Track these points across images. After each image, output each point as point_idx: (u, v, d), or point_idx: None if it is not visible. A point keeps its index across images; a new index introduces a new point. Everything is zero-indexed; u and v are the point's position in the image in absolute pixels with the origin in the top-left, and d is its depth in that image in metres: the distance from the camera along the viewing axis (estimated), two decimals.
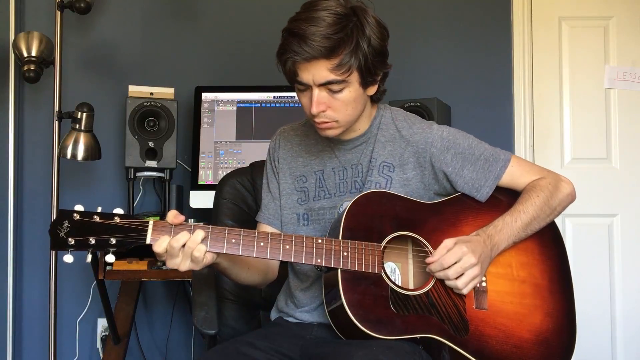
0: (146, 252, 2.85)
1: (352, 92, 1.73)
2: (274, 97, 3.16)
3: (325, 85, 1.70)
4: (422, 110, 3.06)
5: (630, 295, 3.48)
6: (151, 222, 1.60)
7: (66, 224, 1.56)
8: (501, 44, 3.54)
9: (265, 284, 1.96)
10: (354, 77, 1.71)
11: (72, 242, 1.56)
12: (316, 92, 1.71)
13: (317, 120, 1.76)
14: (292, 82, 1.76)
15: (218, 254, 1.67)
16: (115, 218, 1.57)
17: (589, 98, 3.54)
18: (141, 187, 3.31)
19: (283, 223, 1.94)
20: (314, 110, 1.72)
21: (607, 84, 3.54)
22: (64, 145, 2.88)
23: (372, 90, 1.80)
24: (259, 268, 1.89)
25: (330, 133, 1.80)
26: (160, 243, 1.59)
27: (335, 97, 1.72)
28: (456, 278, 1.70)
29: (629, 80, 3.52)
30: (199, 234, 1.61)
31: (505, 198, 1.88)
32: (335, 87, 1.70)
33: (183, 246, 1.60)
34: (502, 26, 3.55)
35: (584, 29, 3.56)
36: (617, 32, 3.54)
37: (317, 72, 1.68)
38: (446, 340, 1.69)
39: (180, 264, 1.61)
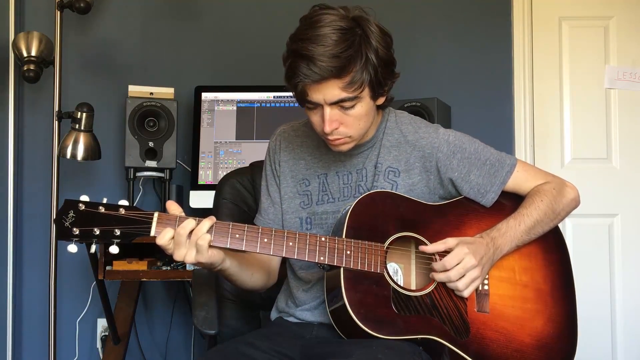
0: (146, 252, 2.85)
1: (363, 106, 1.71)
2: (274, 97, 3.16)
3: (337, 103, 1.68)
4: (422, 110, 3.06)
5: (631, 296, 3.48)
6: (156, 214, 1.60)
7: (71, 213, 1.55)
8: (501, 44, 3.54)
9: (266, 288, 1.95)
10: (366, 92, 1.69)
11: (77, 232, 1.55)
12: (328, 110, 1.69)
13: (330, 137, 1.74)
14: (303, 103, 1.73)
15: (225, 256, 1.68)
16: (120, 209, 1.57)
17: (589, 98, 3.54)
18: (141, 187, 3.31)
19: (285, 227, 1.92)
20: (327, 129, 1.70)
21: (607, 83, 3.54)
22: (64, 145, 2.88)
23: (382, 100, 1.79)
24: (262, 272, 1.89)
25: (344, 148, 1.78)
26: (163, 235, 1.59)
27: (347, 114, 1.70)
28: (457, 279, 1.70)
29: (629, 80, 3.52)
30: (206, 223, 1.60)
31: (509, 202, 1.88)
32: (347, 104, 1.68)
33: (189, 236, 1.59)
34: (502, 26, 3.55)
35: (584, 29, 3.56)
36: (617, 32, 3.54)
37: (329, 91, 1.66)
38: (447, 342, 1.69)
39: (187, 254, 1.60)
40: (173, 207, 1.65)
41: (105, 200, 1.59)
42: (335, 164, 1.89)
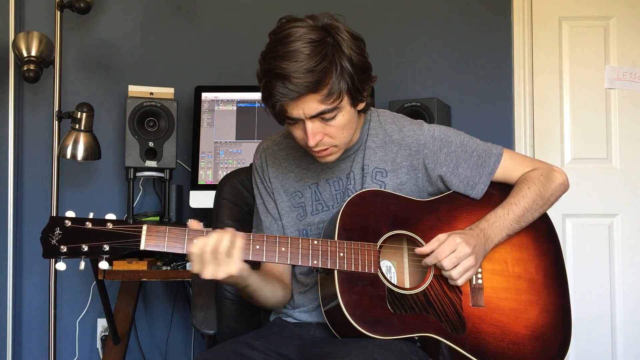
0: (146, 252, 2.84)
1: (345, 115, 1.69)
2: None
3: (318, 115, 1.66)
4: (422, 110, 3.06)
5: (630, 295, 3.47)
6: (145, 228, 1.56)
7: (58, 231, 1.52)
8: (501, 44, 3.54)
9: (285, 303, 1.93)
10: (345, 101, 1.67)
11: (65, 250, 1.52)
12: (309, 124, 1.66)
13: (315, 149, 1.72)
14: (283, 121, 1.70)
15: (249, 269, 1.67)
16: (108, 224, 1.54)
17: (589, 98, 3.54)
18: (141, 187, 3.31)
19: None
20: (311, 142, 1.68)
21: (607, 84, 3.53)
22: (64, 145, 2.88)
23: (362, 105, 1.76)
24: (282, 287, 1.88)
25: (331, 159, 1.77)
26: (197, 243, 1.56)
27: (329, 124, 1.68)
28: (451, 268, 1.70)
29: (629, 80, 3.52)
30: (227, 238, 1.57)
31: (499, 193, 1.89)
32: (328, 115, 1.66)
33: (215, 252, 1.57)
34: (502, 26, 3.55)
35: (584, 29, 3.56)
36: (617, 32, 3.54)
37: (308, 106, 1.63)
38: (443, 338, 1.70)
39: (218, 270, 1.57)
40: (194, 225, 1.62)
41: (92, 215, 1.56)
42: (325, 172, 1.88)
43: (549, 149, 3.53)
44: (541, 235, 1.91)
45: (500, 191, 1.89)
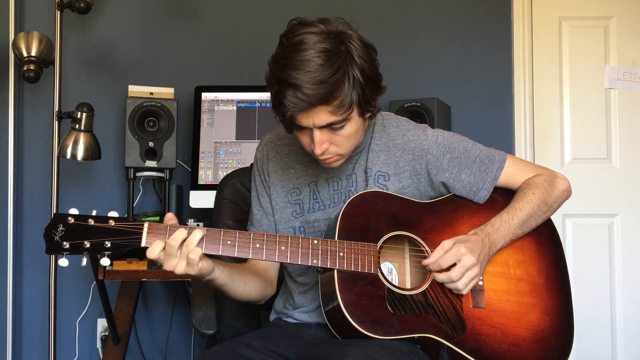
0: (146, 250, 2.84)
1: (353, 125, 1.68)
2: None
3: (327, 126, 1.65)
4: (422, 110, 3.06)
5: (630, 295, 3.47)
6: (146, 225, 1.58)
7: (61, 227, 1.54)
8: (501, 44, 3.54)
9: (264, 299, 1.93)
10: (354, 112, 1.66)
11: (67, 246, 1.54)
12: (317, 133, 1.66)
13: (321, 157, 1.72)
14: (291, 129, 1.70)
15: (214, 265, 1.67)
16: (110, 221, 1.56)
17: (589, 98, 3.54)
18: (141, 187, 3.31)
19: None
20: (318, 151, 1.67)
21: (607, 84, 3.53)
22: (64, 145, 2.88)
23: (370, 114, 1.75)
24: (258, 282, 1.87)
25: (335, 165, 1.76)
26: (153, 248, 1.57)
27: (337, 134, 1.67)
28: (458, 279, 1.70)
29: (629, 80, 3.52)
30: (197, 234, 1.58)
31: (501, 197, 1.89)
32: (336, 125, 1.65)
33: (180, 247, 1.58)
34: (502, 26, 3.55)
35: (584, 29, 3.56)
36: (617, 32, 3.54)
37: (318, 116, 1.62)
38: (443, 339, 1.70)
39: (177, 265, 1.58)
40: (168, 217, 1.64)
41: (94, 212, 1.58)
42: (325, 171, 1.87)
43: (549, 149, 3.53)
44: (543, 238, 1.91)
45: (503, 195, 1.89)
